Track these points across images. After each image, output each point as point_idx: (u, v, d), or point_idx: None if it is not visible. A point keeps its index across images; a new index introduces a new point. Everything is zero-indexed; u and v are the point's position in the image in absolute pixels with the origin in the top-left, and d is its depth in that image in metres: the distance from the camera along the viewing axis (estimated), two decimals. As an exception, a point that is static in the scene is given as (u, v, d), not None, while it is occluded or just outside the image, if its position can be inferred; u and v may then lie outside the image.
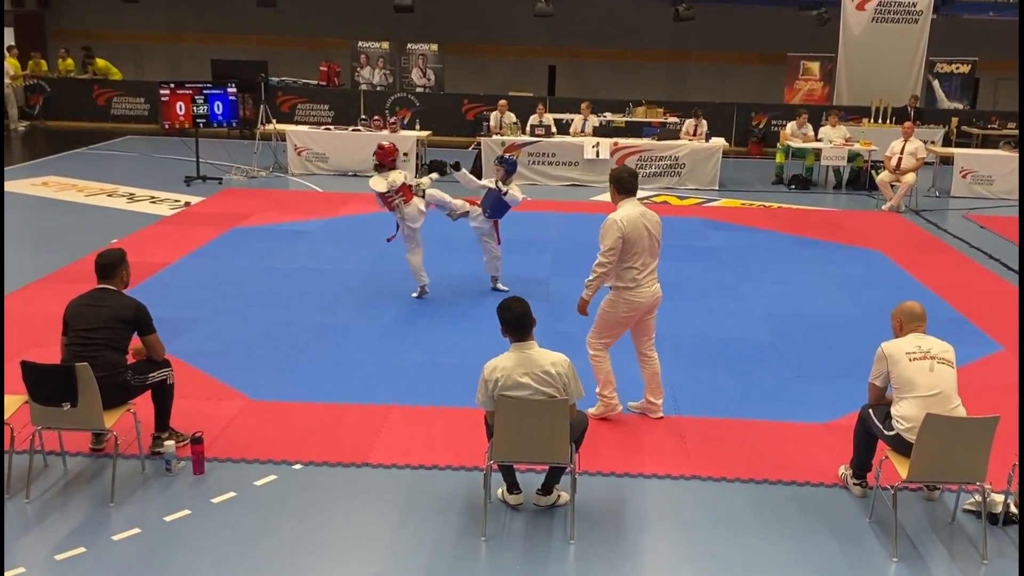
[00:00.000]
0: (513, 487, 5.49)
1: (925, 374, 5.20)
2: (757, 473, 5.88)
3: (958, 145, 18.80)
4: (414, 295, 9.25)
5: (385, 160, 8.86)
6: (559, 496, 5.42)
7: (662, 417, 6.63)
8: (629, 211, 6.18)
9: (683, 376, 7.44)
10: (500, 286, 9.47)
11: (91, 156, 17.52)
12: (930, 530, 5.34)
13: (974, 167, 16.03)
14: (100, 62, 21.95)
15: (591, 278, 6.26)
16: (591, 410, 6.46)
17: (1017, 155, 16.21)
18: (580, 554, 5.01)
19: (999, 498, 5.33)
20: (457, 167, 9.44)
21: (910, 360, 5.25)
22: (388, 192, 8.81)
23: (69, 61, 21.90)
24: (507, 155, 9.16)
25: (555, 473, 5.37)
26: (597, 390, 6.54)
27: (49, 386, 5.17)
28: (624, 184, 6.30)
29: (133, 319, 5.62)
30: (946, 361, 5.26)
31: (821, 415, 6.77)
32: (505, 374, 5.07)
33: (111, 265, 5.71)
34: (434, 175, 9.44)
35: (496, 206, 9.26)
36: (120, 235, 11.26)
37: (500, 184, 9.19)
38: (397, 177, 8.83)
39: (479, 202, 9.39)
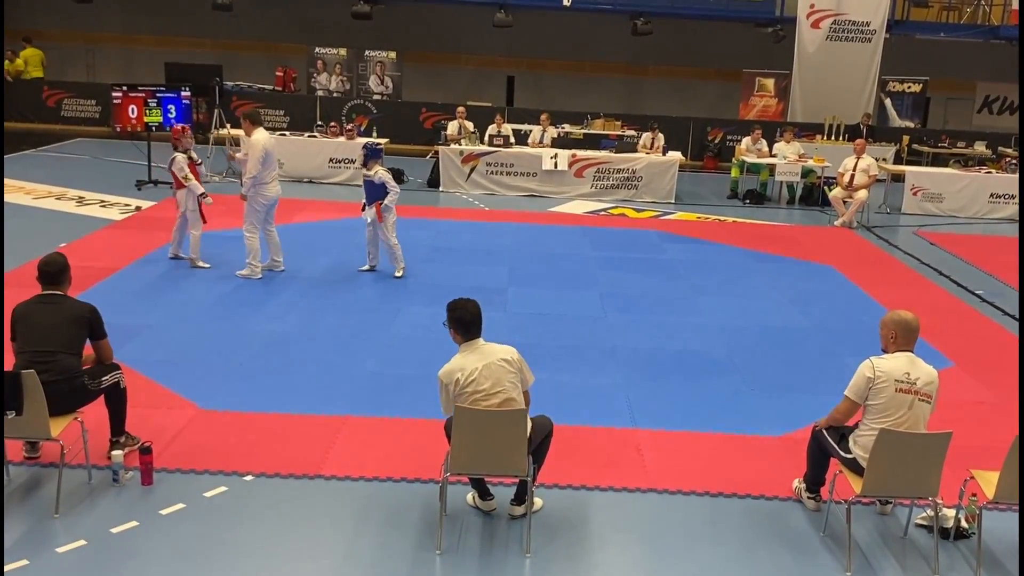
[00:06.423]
0: (485, 494, 5.46)
1: (903, 410, 5.09)
2: (712, 486, 5.90)
3: (909, 163, 19.10)
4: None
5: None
6: (533, 504, 5.36)
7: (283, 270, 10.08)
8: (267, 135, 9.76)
9: (639, 388, 7.46)
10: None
11: (40, 158, 17.16)
12: (883, 544, 5.39)
13: (925, 185, 16.32)
14: (19, 62, 21.38)
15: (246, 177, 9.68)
16: (241, 272, 9.81)
17: (965, 173, 16.57)
18: (536, 567, 4.97)
19: (950, 513, 5.40)
20: None
21: (896, 390, 5.10)
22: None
23: (19, 61, 21.43)
24: (369, 142, 10.72)
25: (526, 484, 5.32)
26: (249, 260, 9.82)
27: (-7, 393, 5.03)
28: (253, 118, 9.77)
29: (88, 320, 5.54)
30: (927, 398, 5.12)
31: (775, 428, 6.82)
32: (465, 372, 5.04)
33: (60, 271, 5.60)
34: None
35: (368, 191, 9.89)
36: (68, 239, 11.04)
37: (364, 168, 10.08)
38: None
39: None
